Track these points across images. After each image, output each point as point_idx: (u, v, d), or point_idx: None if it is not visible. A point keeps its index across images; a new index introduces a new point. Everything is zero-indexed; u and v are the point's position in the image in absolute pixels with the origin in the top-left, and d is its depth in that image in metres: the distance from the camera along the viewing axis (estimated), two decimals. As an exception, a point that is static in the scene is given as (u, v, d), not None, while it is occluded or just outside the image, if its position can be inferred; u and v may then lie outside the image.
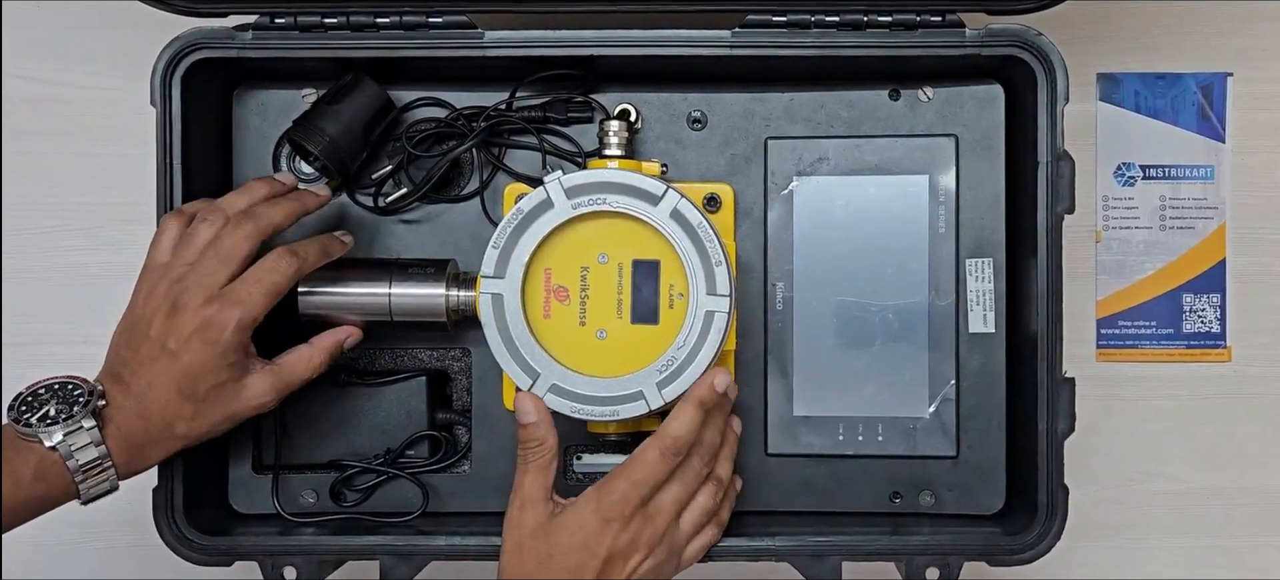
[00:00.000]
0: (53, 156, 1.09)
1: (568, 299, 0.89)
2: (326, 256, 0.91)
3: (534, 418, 0.87)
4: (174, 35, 0.92)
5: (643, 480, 0.86)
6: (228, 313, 0.86)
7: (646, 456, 0.86)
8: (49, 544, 1.07)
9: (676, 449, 0.86)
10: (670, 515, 0.87)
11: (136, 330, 0.87)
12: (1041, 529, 0.91)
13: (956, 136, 0.97)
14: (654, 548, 0.86)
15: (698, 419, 0.87)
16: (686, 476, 0.88)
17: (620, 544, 0.85)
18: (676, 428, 0.86)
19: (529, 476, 0.87)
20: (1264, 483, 1.09)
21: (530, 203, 0.88)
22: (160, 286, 0.87)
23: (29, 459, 0.83)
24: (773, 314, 0.98)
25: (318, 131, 0.94)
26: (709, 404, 0.87)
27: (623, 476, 0.86)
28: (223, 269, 0.87)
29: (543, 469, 0.87)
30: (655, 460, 0.86)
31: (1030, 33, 0.91)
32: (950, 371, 0.97)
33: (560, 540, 0.85)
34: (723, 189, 0.95)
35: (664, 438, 0.86)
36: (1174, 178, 1.08)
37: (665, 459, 0.86)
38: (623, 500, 0.85)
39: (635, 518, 0.85)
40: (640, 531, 0.86)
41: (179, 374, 0.85)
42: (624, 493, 0.85)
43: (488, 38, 0.92)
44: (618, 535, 0.85)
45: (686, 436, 0.87)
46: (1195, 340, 1.08)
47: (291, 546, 0.93)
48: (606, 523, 0.85)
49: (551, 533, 0.86)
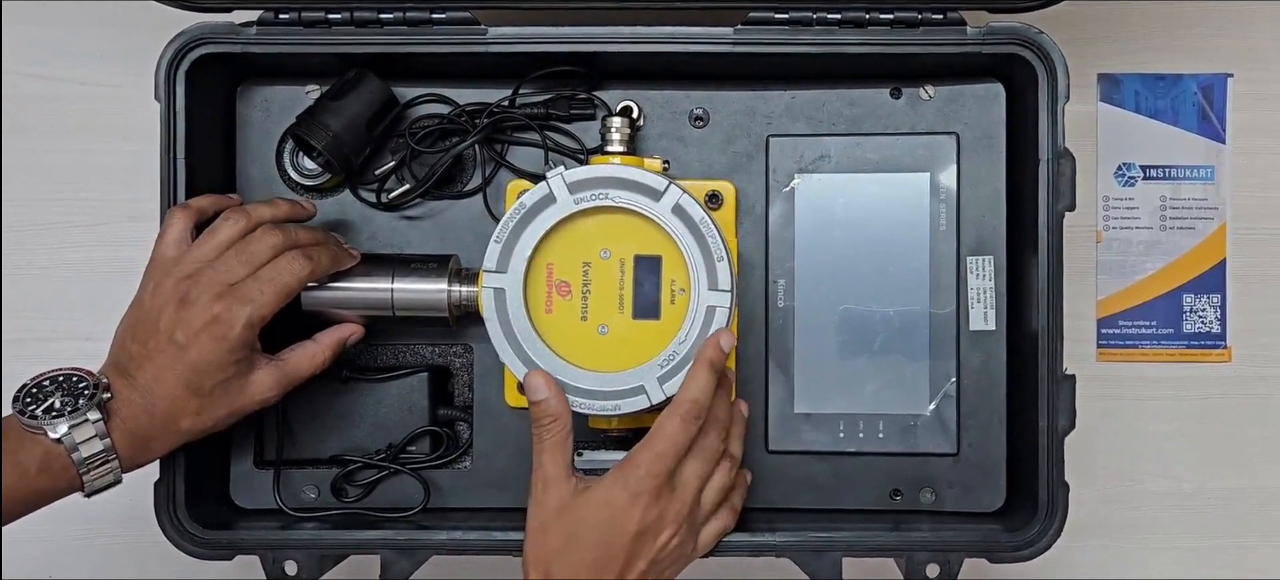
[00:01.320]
0: (57, 153, 1.09)
1: (570, 294, 0.89)
2: (336, 266, 0.92)
3: (545, 393, 0.86)
4: (178, 31, 0.92)
5: (666, 451, 0.85)
6: (238, 310, 0.86)
7: (667, 426, 0.85)
8: (54, 539, 1.08)
9: (696, 412, 0.85)
10: (693, 490, 0.87)
11: (144, 324, 0.87)
12: (1041, 526, 0.91)
13: (958, 134, 0.97)
14: (680, 525, 0.86)
15: (712, 380, 0.86)
16: (705, 450, 0.87)
17: (649, 519, 0.84)
18: (694, 390, 0.86)
19: (547, 455, 0.86)
20: (1264, 483, 1.09)
21: (533, 197, 0.88)
22: (168, 281, 0.87)
23: (34, 451, 0.83)
24: (774, 311, 0.98)
25: (321, 127, 0.94)
26: (719, 364, 0.87)
27: (646, 448, 0.85)
28: (242, 269, 0.87)
29: (560, 445, 0.86)
30: (677, 428, 0.85)
31: (1031, 30, 0.91)
32: (951, 369, 0.97)
33: (586, 517, 0.84)
34: (724, 186, 0.96)
35: (682, 403, 0.85)
36: (1174, 178, 1.08)
37: (686, 425, 0.85)
38: (649, 473, 0.84)
39: (662, 492, 0.85)
40: (667, 505, 0.85)
41: (186, 368, 0.86)
42: (650, 465, 0.84)
43: (491, 34, 0.92)
44: (647, 509, 0.84)
45: (703, 399, 0.85)
46: (1195, 340, 1.08)
47: (293, 541, 0.93)
48: (635, 497, 0.84)
49: (577, 509, 0.84)
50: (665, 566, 0.86)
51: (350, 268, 0.93)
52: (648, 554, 0.85)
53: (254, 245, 0.88)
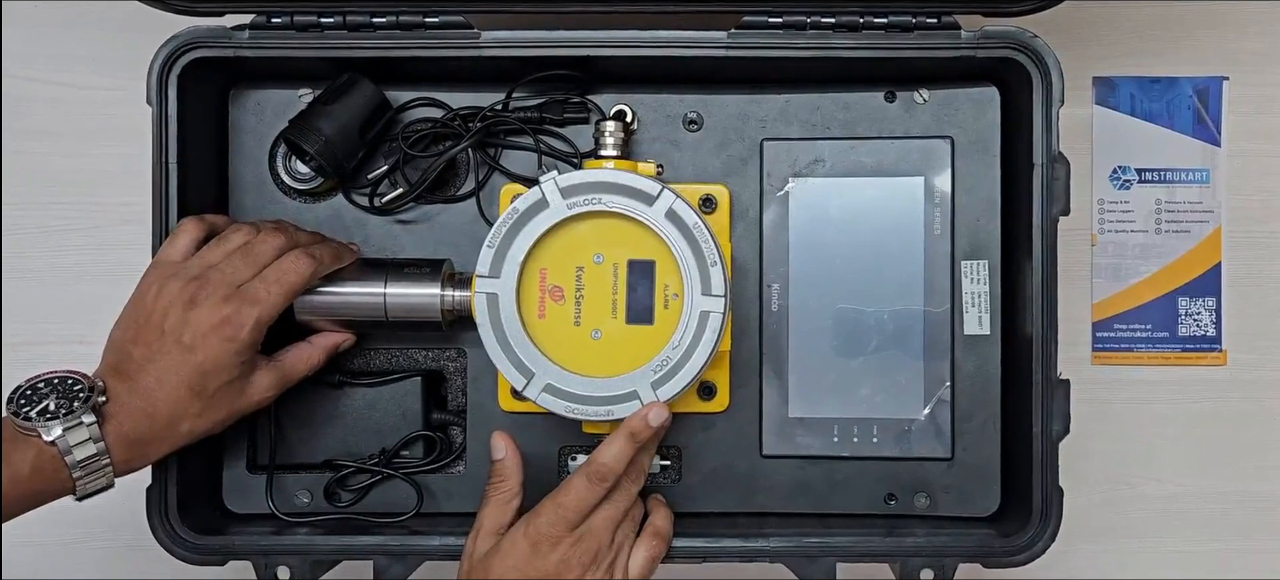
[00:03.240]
0: (49, 156, 1.09)
1: (563, 299, 0.89)
2: (338, 262, 0.92)
3: (502, 454, 0.91)
4: (171, 35, 0.92)
5: (569, 505, 0.87)
6: (247, 312, 0.86)
7: (574, 483, 0.88)
8: (44, 542, 1.07)
9: (603, 476, 0.88)
10: (603, 534, 0.88)
11: (146, 325, 0.87)
12: (1036, 531, 0.91)
13: (952, 138, 0.97)
14: (587, 568, 0.87)
15: (629, 451, 0.88)
16: (618, 497, 0.89)
17: (550, 567, 0.86)
18: (606, 457, 0.88)
19: (488, 509, 0.90)
20: (1258, 487, 1.09)
21: (526, 202, 0.88)
22: (174, 283, 0.87)
23: (26, 453, 0.83)
24: (768, 315, 0.98)
25: (314, 131, 0.94)
26: (641, 438, 0.88)
27: (550, 501, 0.88)
28: (247, 270, 0.88)
29: (502, 505, 0.89)
30: (582, 487, 0.87)
31: (1025, 34, 0.91)
32: (945, 373, 0.97)
33: (494, 568, 0.87)
34: (718, 190, 0.95)
35: (592, 464, 0.88)
36: (1169, 181, 1.08)
37: (592, 486, 0.88)
38: (550, 524, 0.87)
39: (564, 540, 0.87)
40: (571, 553, 0.87)
41: (192, 369, 0.86)
42: (551, 517, 0.87)
43: (484, 38, 0.92)
44: (547, 557, 0.86)
45: (614, 467, 0.88)
46: (1190, 344, 1.08)
47: (285, 546, 0.93)
48: (536, 546, 0.87)
49: (488, 562, 0.88)
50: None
51: (344, 272, 0.93)
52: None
53: (258, 247, 0.89)
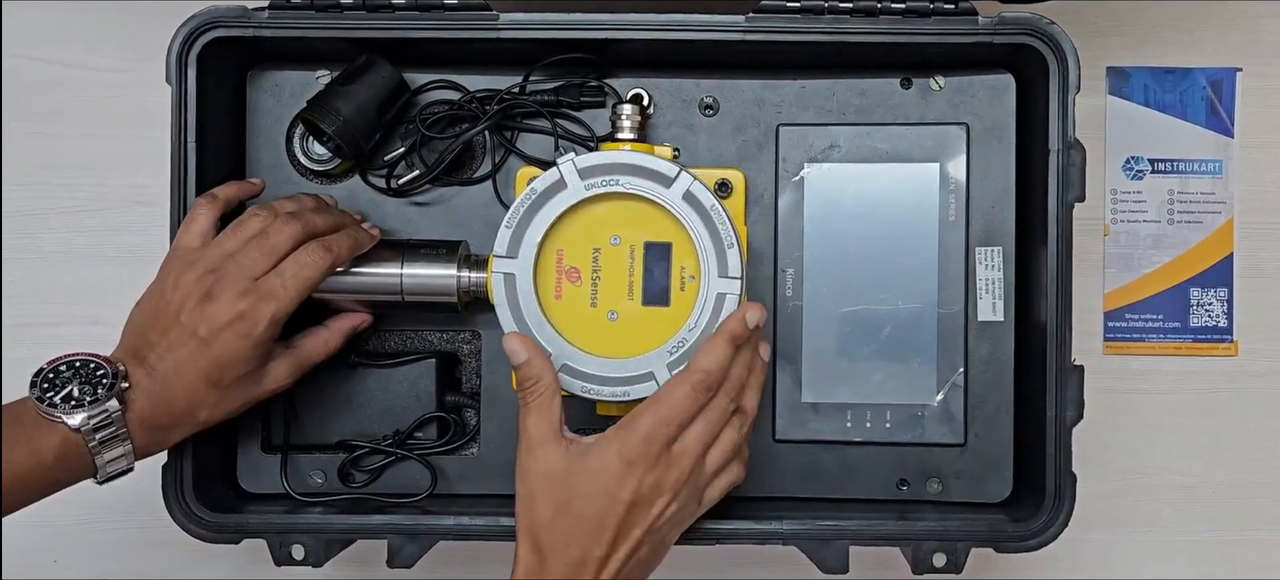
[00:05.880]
0: (64, 138, 1.09)
1: (579, 280, 0.89)
2: (357, 250, 0.91)
3: (524, 355, 0.84)
4: (187, 16, 0.92)
5: (670, 418, 0.81)
6: (263, 307, 0.86)
7: (675, 393, 0.82)
8: (58, 523, 1.07)
9: (708, 384, 0.82)
10: (696, 455, 0.83)
11: (164, 314, 0.86)
12: (1048, 516, 0.91)
13: (967, 125, 0.97)
14: (679, 491, 0.82)
15: (729, 354, 0.84)
16: (712, 414, 0.83)
17: (645, 488, 0.81)
18: (708, 361, 0.83)
19: (531, 417, 0.83)
20: (1269, 477, 1.09)
21: (543, 183, 0.88)
22: (190, 273, 0.87)
23: (51, 438, 0.83)
24: (782, 300, 0.98)
25: (331, 112, 0.94)
26: (741, 339, 0.84)
27: (649, 412, 0.82)
28: (263, 262, 0.87)
29: (544, 407, 0.83)
30: (684, 396, 0.82)
31: (1042, 21, 0.91)
32: (959, 359, 0.97)
33: (579, 485, 0.81)
34: (734, 175, 0.96)
35: (694, 372, 0.83)
36: (1182, 172, 1.08)
37: (695, 395, 0.82)
38: (648, 439, 0.81)
39: (661, 459, 0.81)
40: (666, 474, 0.81)
41: (209, 362, 0.86)
42: (650, 431, 0.81)
43: (502, 20, 0.92)
44: (643, 478, 0.80)
45: (717, 372, 0.83)
46: (1202, 334, 1.08)
47: (300, 525, 0.93)
48: (630, 465, 0.80)
49: (569, 478, 0.81)
50: (664, 533, 0.84)
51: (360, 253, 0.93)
52: (643, 523, 0.81)
53: (273, 237, 0.88)
